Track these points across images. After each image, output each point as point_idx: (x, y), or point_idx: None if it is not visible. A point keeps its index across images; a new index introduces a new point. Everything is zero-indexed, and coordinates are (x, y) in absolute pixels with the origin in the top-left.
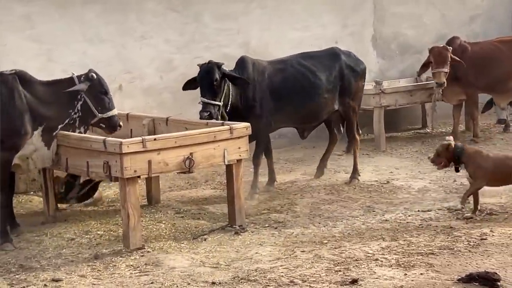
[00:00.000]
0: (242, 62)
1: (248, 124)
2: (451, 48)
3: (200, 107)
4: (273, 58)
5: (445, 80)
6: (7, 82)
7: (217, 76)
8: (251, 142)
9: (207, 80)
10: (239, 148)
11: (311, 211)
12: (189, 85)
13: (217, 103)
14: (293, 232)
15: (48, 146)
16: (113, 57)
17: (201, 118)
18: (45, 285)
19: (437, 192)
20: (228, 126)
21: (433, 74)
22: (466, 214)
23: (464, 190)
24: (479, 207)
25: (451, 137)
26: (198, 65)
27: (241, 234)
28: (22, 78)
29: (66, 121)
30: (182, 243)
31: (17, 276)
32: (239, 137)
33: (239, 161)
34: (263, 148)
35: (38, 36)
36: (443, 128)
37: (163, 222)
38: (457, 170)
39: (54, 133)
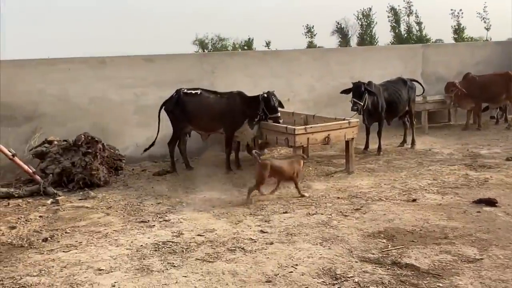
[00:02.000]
0: (369, 84)
1: (357, 120)
2: (460, 81)
3: (350, 104)
4: None
5: (449, 101)
6: (234, 96)
7: (362, 88)
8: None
9: (357, 89)
10: (353, 132)
11: (388, 163)
12: (344, 91)
13: (360, 103)
14: (378, 174)
15: (251, 128)
16: (285, 84)
17: (352, 110)
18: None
19: (458, 156)
20: (348, 121)
21: (445, 96)
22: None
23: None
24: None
25: None
26: (341, 92)
27: (351, 174)
28: (240, 94)
29: (258, 117)
30: (321, 178)
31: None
32: (352, 126)
33: (352, 139)
34: (382, 127)
35: (250, 74)
36: (460, 122)
37: (310, 167)
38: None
39: (254, 122)
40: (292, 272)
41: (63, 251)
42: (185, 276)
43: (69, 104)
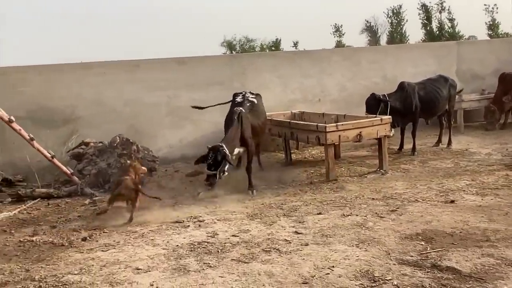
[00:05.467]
0: (401, 84)
1: (389, 117)
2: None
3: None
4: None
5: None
6: (254, 99)
7: (373, 102)
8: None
9: (369, 106)
10: (385, 129)
11: (423, 164)
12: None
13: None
14: (413, 175)
15: None
16: (316, 84)
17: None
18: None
19: (497, 156)
20: (380, 118)
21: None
22: None
23: None
24: None
25: None
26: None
27: (385, 175)
28: (259, 96)
29: None
30: (354, 178)
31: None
32: (385, 123)
33: (385, 136)
34: (416, 126)
35: (280, 75)
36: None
37: (342, 167)
38: None
39: None
40: (328, 274)
41: (102, 250)
42: (222, 277)
43: (104, 107)
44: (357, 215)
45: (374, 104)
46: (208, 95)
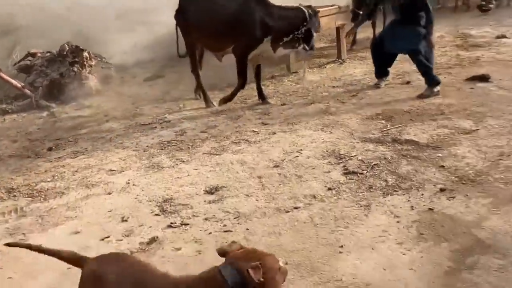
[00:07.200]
0: None
1: (348, 5)
2: None
3: None
4: None
5: None
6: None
7: None
8: None
9: None
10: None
11: None
12: None
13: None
14: (369, 61)
15: (274, 51)
16: None
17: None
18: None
19: (449, 37)
20: (337, 6)
21: None
22: None
23: None
24: None
25: None
26: None
27: (343, 63)
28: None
29: (290, 36)
30: (314, 69)
31: None
32: (343, 12)
33: (342, 25)
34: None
35: None
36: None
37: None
38: None
39: (281, 43)
40: (297, 156)
41: (71, 158)
42: (196, 169)
43: (46, 13)
44: (319, 103)
45: None
46: None
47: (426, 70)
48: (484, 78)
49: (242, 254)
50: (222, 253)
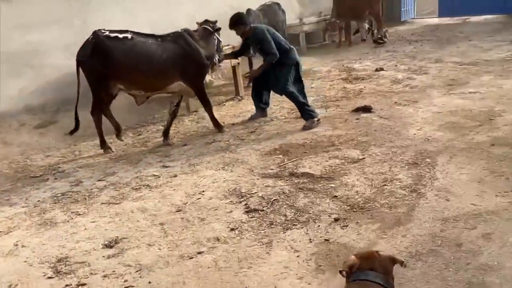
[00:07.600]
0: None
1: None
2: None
3: None
4: None
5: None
6: (184, 36)
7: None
8: None
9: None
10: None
11: None
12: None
13: None
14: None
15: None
16: (165, 17)
17: None
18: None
19: (335, 72)
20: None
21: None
22: None
23: None
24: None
25: None
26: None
27: (241, 100)
28: (189, 32)
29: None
30: (213, 106)
31: None
32: None
33: (238, 63)
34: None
35: (125, 9)
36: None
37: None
38: None
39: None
40: (200, 198)
41: None
42: (93, 221)
43: None
44: (220, 141)
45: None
46: (46, 36)
47: (300, 106)
48: (367, 109)
49: None
50: None
